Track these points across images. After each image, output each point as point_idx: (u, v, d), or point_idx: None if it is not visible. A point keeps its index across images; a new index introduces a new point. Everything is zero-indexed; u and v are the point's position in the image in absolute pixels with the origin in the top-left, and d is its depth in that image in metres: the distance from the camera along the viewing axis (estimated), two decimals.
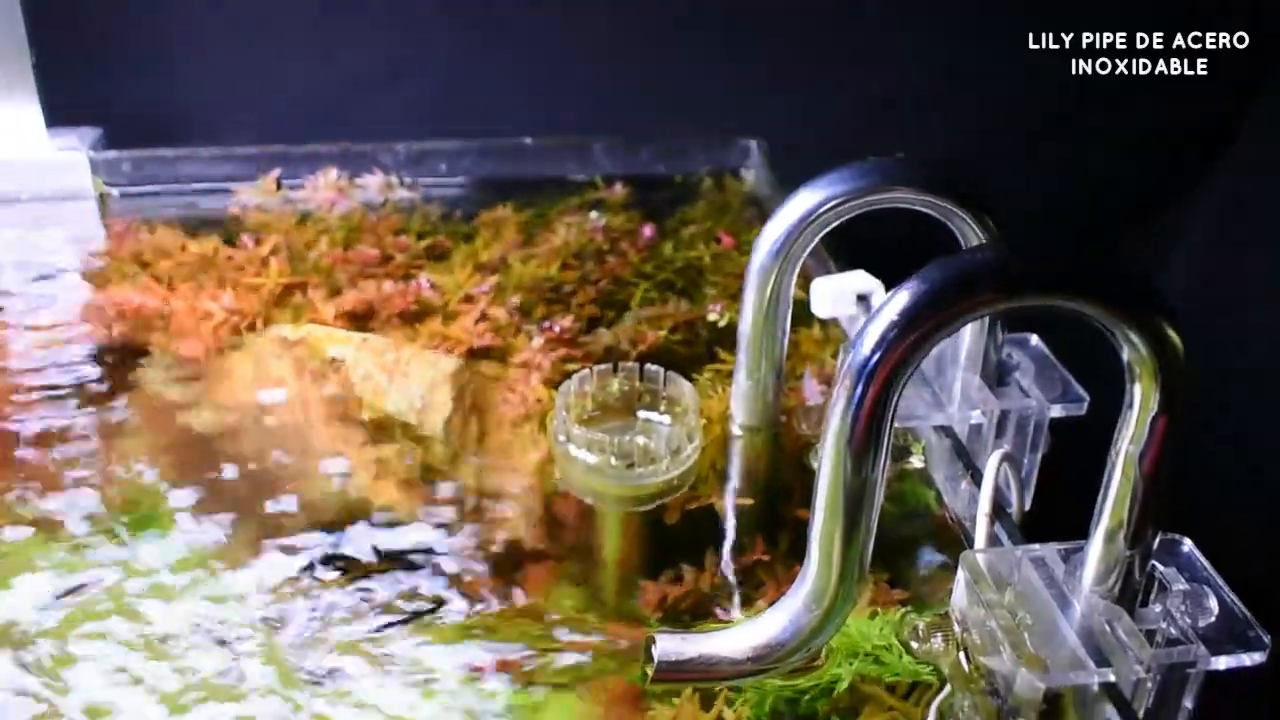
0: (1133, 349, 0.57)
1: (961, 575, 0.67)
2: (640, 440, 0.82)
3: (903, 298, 0.56)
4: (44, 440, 0.86)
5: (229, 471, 0.83)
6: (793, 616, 0.61)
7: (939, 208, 0.75)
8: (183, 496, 0.81)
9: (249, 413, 0.90)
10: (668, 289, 1.07)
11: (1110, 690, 0.60)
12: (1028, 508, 0.81)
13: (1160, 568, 0.65)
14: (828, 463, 0.57)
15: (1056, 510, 0.78)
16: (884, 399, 0.56)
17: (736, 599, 0.74)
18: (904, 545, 0.79)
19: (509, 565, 0.77)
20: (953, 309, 0.56)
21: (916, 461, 0.85)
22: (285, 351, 0.94)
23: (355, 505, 0.81)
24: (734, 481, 0.85)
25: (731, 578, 0.76)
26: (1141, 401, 0.58)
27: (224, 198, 1.20)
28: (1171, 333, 0.57)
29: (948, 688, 0.67)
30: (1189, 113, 1.35)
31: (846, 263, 0.95)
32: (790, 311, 0.84)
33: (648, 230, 1.14)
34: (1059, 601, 0.64)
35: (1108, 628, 0.62)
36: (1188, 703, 0.64)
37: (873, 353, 0.56)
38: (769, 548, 0.78)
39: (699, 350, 0.98)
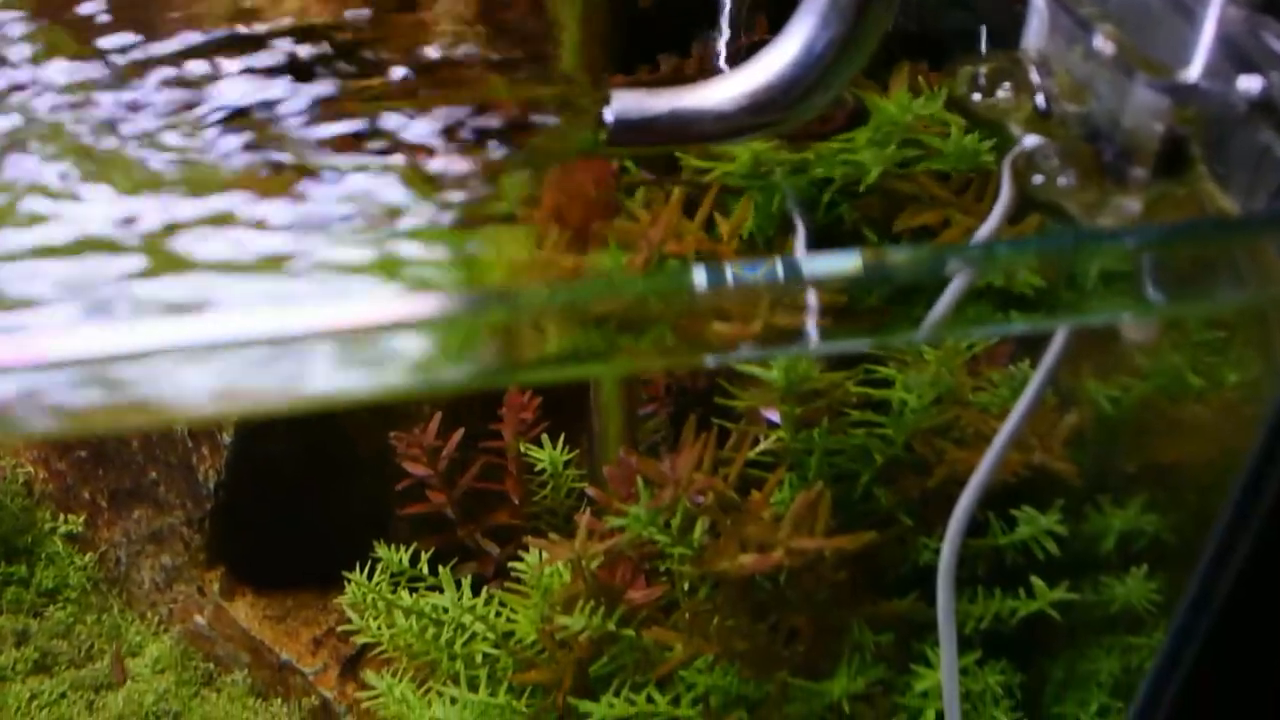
0: None
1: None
2: None
3: None
4: None
5: None
6: (798, 52, 0.43)
7: None
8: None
9: None
10: None
11: (1262, 107, 0.41)
12: None
13: None
14: None
15: None
16: None
17: None
18: (951, 34, 0.60)
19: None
20: None
21: None
22: None
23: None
24: None
25: (723, 66, 0.57)
26: None
27: None
28: None
29: (1024, 142, 0.48)
30: None
31: None
32: None
33: None
34: (1178, 13, 0.45)
35: (1252, 36, 0.43)
36: None
37: None
38: (774, 28, 0.59)
39: None
